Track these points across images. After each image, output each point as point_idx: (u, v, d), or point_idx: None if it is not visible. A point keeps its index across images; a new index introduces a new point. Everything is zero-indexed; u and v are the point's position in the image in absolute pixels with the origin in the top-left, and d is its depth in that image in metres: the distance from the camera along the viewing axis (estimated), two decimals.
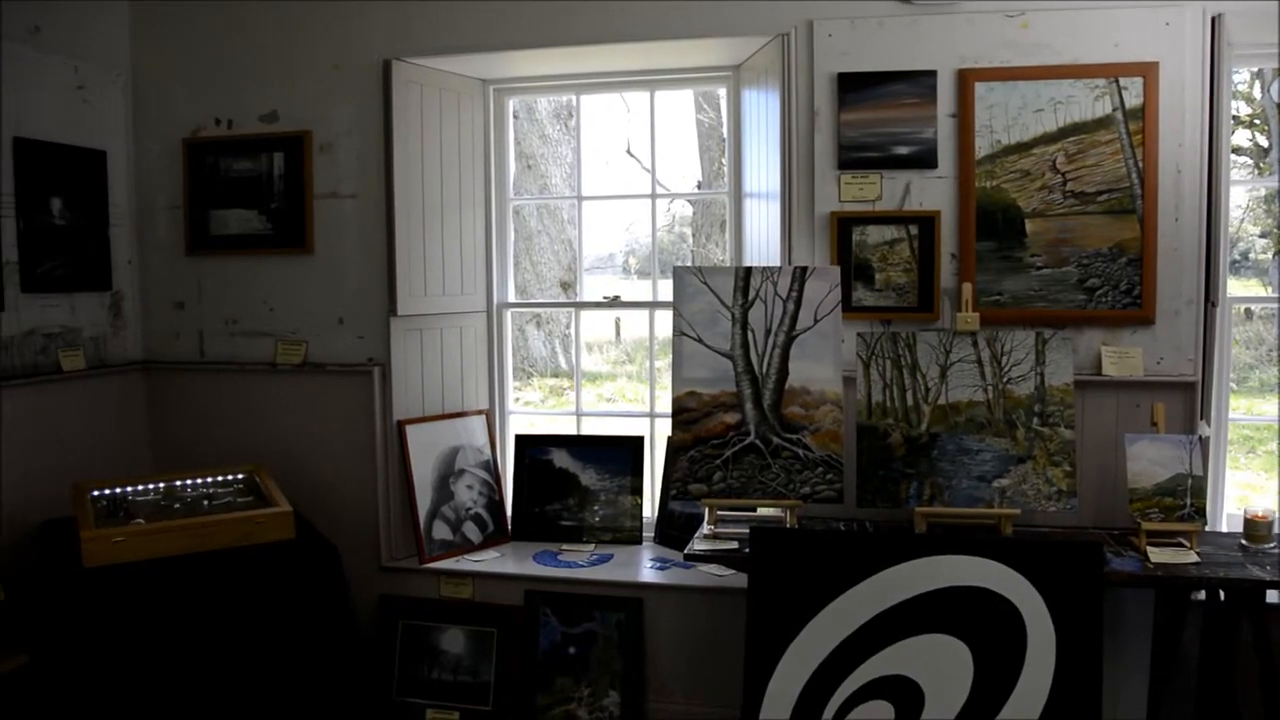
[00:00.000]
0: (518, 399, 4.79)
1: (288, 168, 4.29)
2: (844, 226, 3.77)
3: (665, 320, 4.23)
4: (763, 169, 4.03)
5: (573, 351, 10.25)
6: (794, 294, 3.53)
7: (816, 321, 3.52)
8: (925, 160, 3.71)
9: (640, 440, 4.41)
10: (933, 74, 3.69)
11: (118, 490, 3.80)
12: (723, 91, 4.50)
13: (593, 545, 4.30)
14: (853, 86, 3.74)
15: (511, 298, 4.68)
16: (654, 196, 4.71)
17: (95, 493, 3.75)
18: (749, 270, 3.58)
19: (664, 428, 4.29)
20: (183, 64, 4.43)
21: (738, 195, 4.33)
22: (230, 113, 4.37)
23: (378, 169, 4.16)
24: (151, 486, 3.86)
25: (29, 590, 3.50)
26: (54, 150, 4.08)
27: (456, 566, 4.16)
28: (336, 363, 4.27)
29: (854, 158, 3.76)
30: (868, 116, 3.73)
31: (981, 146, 3.66)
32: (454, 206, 4.40)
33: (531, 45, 4.05)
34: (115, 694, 3.26)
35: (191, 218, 4.43)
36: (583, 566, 4.09)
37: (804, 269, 3.55)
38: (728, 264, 4.41)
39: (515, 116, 4.74)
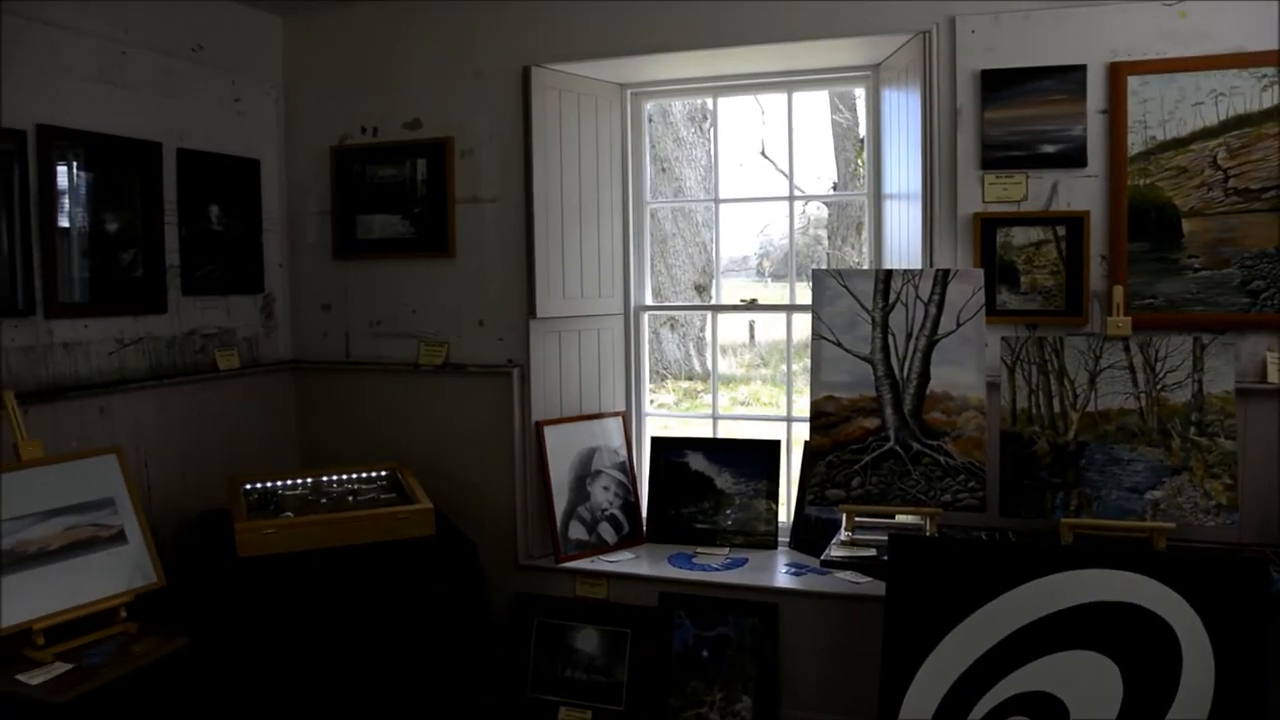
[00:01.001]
0: (652, 401, 4.80)
1: (430, 173, 4.39)
2: (988, 228, 3.67)
3: (802, 323, 4.20)
4: (903, 170, 3.95)
5: (707, 354, 10.25)
6: (936, 297, 3.46)
7: (959, 325, 3.43)
8: (1073, 159, 3.59)
9: (776, 444, 4.38)
10: (1082, 68, 3.56)
11: (269, 484, 3.95)
12: (860, 91, 4.43)
13: (727, 549, 4.29)
14: (997, 84, 3.64)
15: (648, 300, 4.70)
16: (791, 199, 4.67)
17: (248, 486, 3.90)
18: (889, 273, 3.52)
19: (800, 432, 4.26)
20: (331, 75, 4.58)
21: (877, 197, 4.26)
22: (376, 121, 4.50)
23: (517, 174, 4.23)
24: (300, 481, 4.00)
25: (188, 577, 3.66)
26: (212, 160, 4.27)
27: (592, 566, 4.20)
28: (477, 364, 4.35)
29: (998, 157, 3.66)
30: (1012, 114, 3.63)
31: (1134, 143, 3.51)
32: (592, 210, 4.44)
33: (669, 49, 4.06)
34: (266, 677, 3.39)
35: (339, 223, 4.58)
36: (717, 570, 4.07)
37: (946, 271, 3.47)
38: (866, 267, 4.34)
39: (650, 120, 4.76)
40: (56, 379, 3.65)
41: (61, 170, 3.66)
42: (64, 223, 3.67)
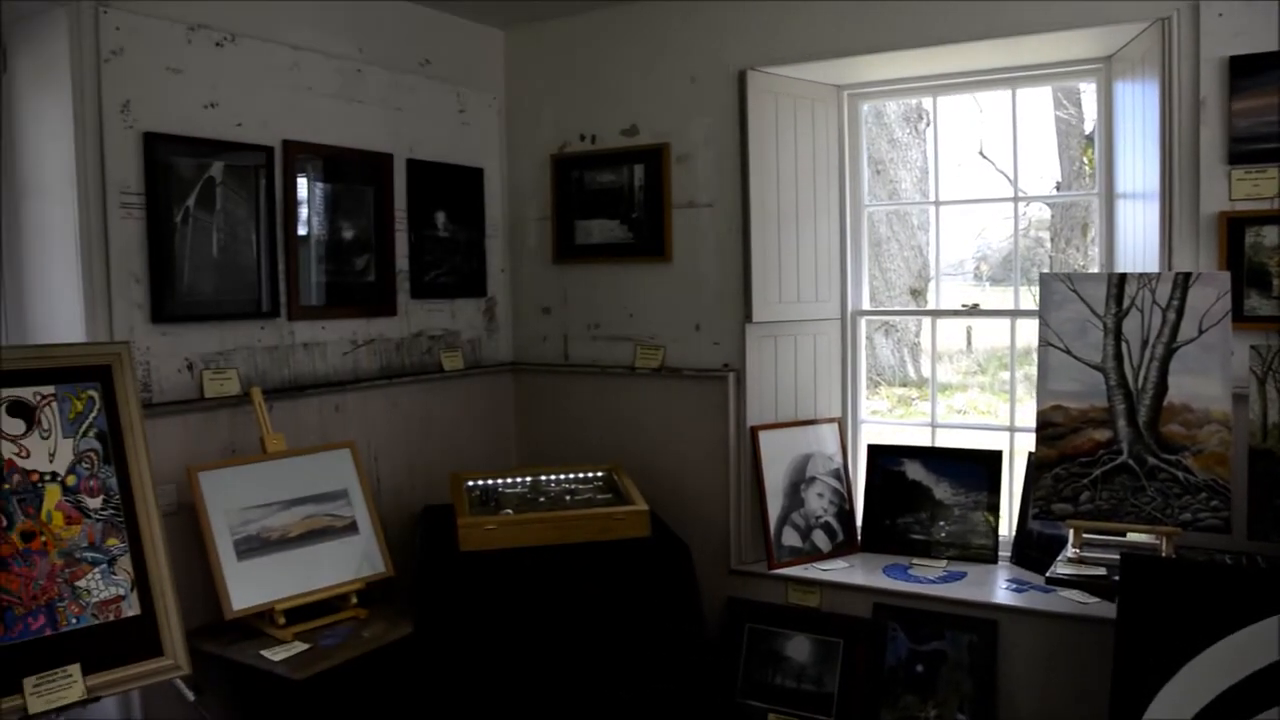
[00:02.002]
0: (866, 408, 4.72)
1: (647, 179, 4.45)
2: (1234, 227, 3.42)
3: (1026, 330, 4.03)
4: (1138, 167, 3.73)
5: (922, 360, 9.98)
6: (1175, 302, 3.25)
7: (1201, 333, 3.22)
8: None
9: (998, 455, 4.21)
10: None
11: (490, 482, 4.09)
12: (1088, 86, 4.21)
13: (944, 561, 4.16)
14: (1247, 70, 3.38)
15: (865, 305, 4.62)
16: (1015, 200, 4.50)
17: (470, 483, 4.05)
18: (1123, 277, 3.33)
19: (1023, 442, 4.09)
20: (551, 85, 4.72)
21: (1108, 196, 4.04)
22: (594, 128, 4.59)
23: (733, 178, 4.24)
24: (519, 480, 4.12)
25: (413, 567, 3.83)
26: (439, 169, 4.48)
27: (805, 574, 4.15)
28: (692, 368, 4.38)
29: (1247, 150, 3.40)
30: (1265, 103, 3.36)
31: None
32: (808, 214, 4.40)
33: (888, 48, 3.97)
34: (482, 666, 3.52)
35: (558, 228, 4.70)
36: (933, 582, 3.96)
37: (1187, 275, 3.26)
38: (1095, 270, 4.13)
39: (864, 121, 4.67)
40: (297, 377, 3.89)
41: (301, 182, 3.90)
42: (303, 231, 3.92)
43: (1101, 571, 3.16)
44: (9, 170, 3.45)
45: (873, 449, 4.46)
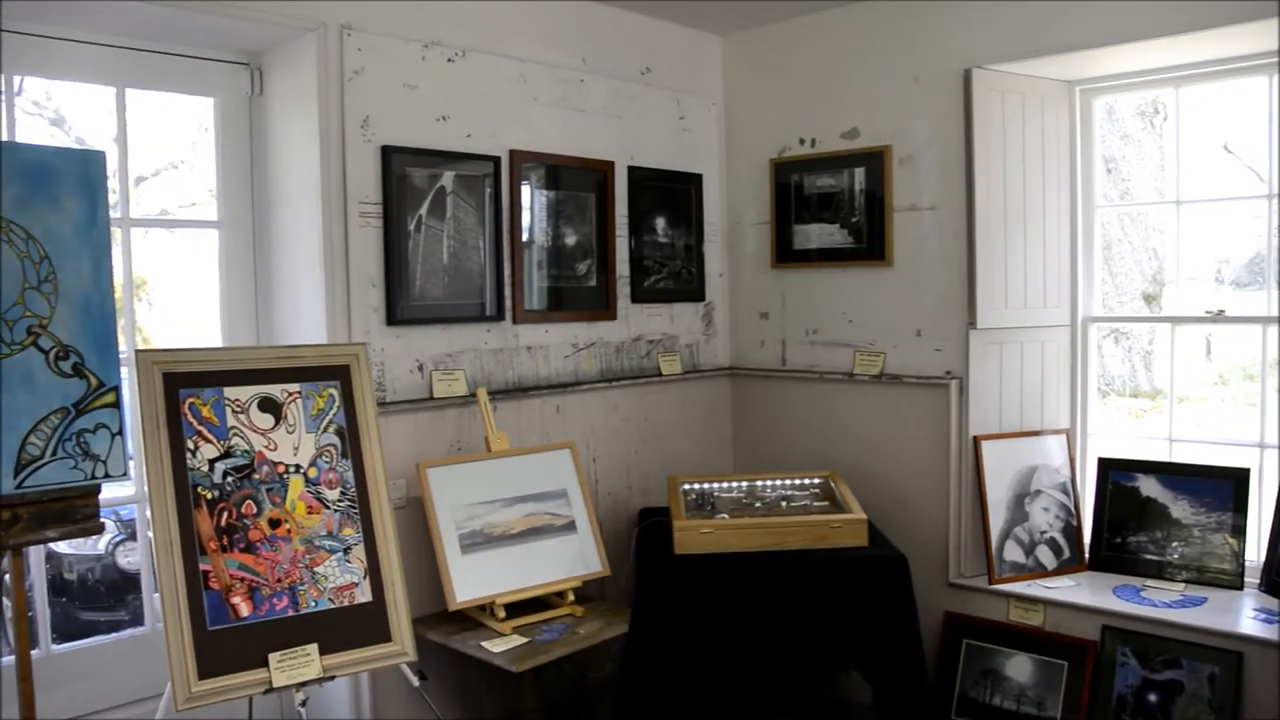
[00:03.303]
0: (1096, 419, 4.49)
1: (868, 182, 4.38)
2: None
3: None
4: None
5: (1154, 369, 9.45)
6: None
7: None
8: None
9: (1245, 473, 3.93)
10: None
11: (705, 485, 4.11)
12: None
13: (1181, 585, 3.91)
14: None
15: (1096, 311, 4.41)
16: (1271, 197, 4.18)
17: (686, 486, 4.08)
18: None
19: (1275, 461, 3.81)
20: (769, 89, 4.71)
21: None
22: (813, 132, 4.55)
23: (958, 180, 4.12)
24: (735, 484, 4.12)
25: (628, 568, 3.90)
26: (658, 175, 4.54)
27: (1028, 591, 3.99)
28: (913, 375, 4.28)
29: None
30: None
31: None
32: (1037, 215, 4.23)
33: (1125, 40, 3.74)
34: (694, 668, 3.54)
35: (777, 233, 4.68)
36: (1170, 607, 3.73)
37: None
38: None
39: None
40: (520, 379, 4.02)
41: (525, 189, 4.03)
42: (526, 237, 4.04)
43: None
44: (261, 183, 3.71)
45: (1103, 462, 4.23)
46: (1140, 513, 4.09)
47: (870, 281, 4.41)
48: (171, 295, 3.94)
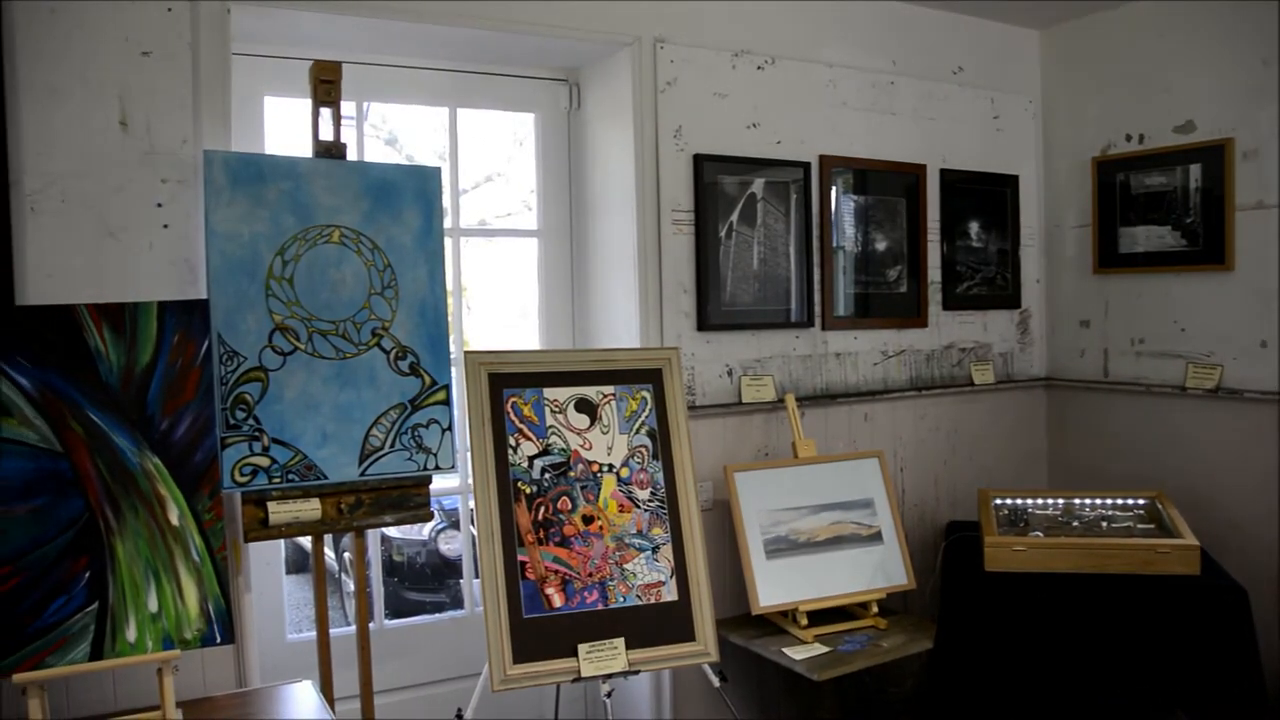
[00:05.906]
0: None
1: (1204, 179, 4.04)
2: None
3: None
4: None
5: None
6: None
7: None
8: None
9: None
10: None
11: (1018, 501, 3.92)
12: None
13: None
14: None
15: None
16: None
17: (998, 501, 3.91)
18: None
19: None
20: (1091, 84, 4.45)
21: None
22: (1141, 127, 4.26)
23: None
24: (1050, 501, 3.91)
25: (934, 582, 3.78)
26: (971, 178, 4.40)
27: None
28: (1256, 390, 3.90)
29: None
30: None
31: None
32: None
33: None
34: (1004, 688, 3.39)
35: (1100, 236, 4.41)
36: None
37: None
38: None
39: None
40: (829, 385, 3.99)
41: (834, 194, 4.00)
42: (836, 243, 4.01)
43: None
44: (578, 194, 3.88)
45: None
46: None
47: (1206, 287, 4.06)
48: (489, 299, 4.20)
